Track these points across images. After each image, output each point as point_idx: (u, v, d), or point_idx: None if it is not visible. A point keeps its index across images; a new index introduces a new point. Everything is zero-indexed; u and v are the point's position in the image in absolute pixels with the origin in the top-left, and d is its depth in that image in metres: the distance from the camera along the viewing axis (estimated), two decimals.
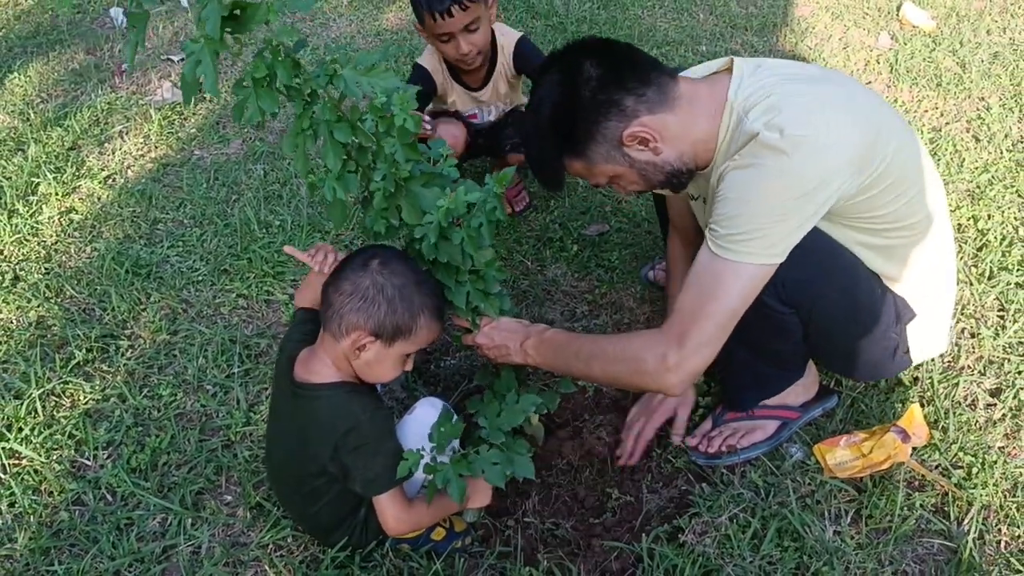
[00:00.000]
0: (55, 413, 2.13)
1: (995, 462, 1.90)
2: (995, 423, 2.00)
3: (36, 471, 1.98)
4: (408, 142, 1.57)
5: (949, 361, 2.18)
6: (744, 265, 1.55)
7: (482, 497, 1.78)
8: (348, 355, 1.62)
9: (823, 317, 1.74)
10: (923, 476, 1.88)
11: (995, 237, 2.57)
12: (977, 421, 2.01)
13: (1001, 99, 3.38)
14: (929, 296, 1.83)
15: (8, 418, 2.09)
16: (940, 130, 3.19)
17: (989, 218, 2.66)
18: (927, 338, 1.89)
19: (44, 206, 2.92)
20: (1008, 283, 2.38)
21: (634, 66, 1.64)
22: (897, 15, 4.12)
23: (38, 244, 2.74)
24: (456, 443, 1.80)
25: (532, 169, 1.81)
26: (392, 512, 1.64)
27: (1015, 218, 2.66)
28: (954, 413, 2.02)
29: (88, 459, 2.02)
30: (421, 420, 1.74)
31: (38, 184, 3.03)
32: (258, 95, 1.41)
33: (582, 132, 1.65)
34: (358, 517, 1.72)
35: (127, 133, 3.39)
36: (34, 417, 2.11)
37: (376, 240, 1.74)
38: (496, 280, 1.81)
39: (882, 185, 1.60)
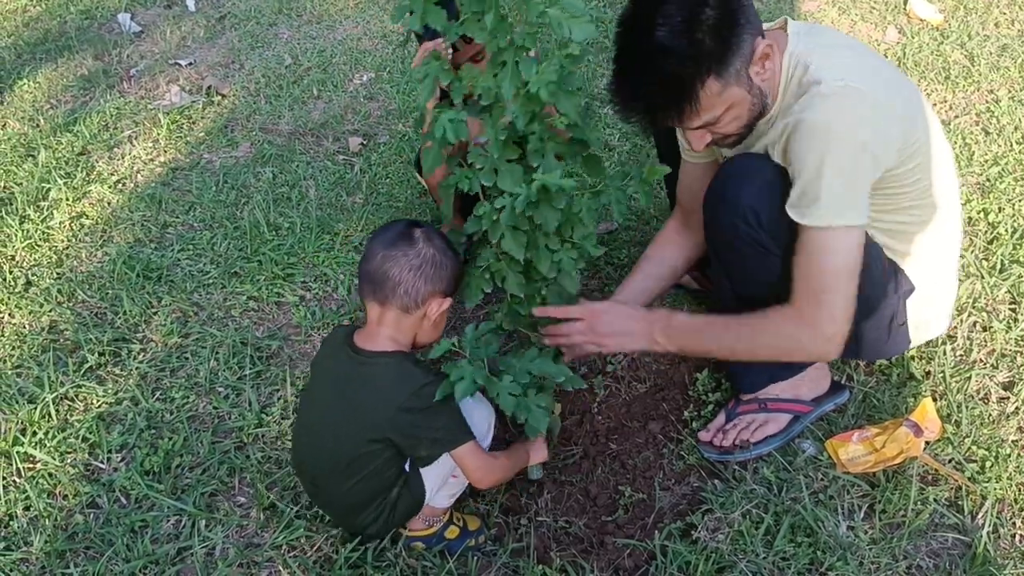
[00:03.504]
0: (68, 417, 2.14)
1: (1009, 456, 1.89)
2: (1008, 417, 2.00)
3: (50, 475, 1.99)
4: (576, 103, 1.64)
5: (961, 355, 2.17)
6: (839, 233, 1.60)
7: (541, 452, 1.90)
8: (419, 323, 1.70)
9: None
10: (936, 470, 1.87)
11: (1006, 230, 2.56)
12: (990, 415, 2.00)
13: (1010, 91, 3.36)
14: (928, 275, 1.86)
15: (22, 422, 2.10)
16: (949, 123, 3.18)
17: (1000, 211, 2.65)
18: (924, 318, 1.91)
19: (55, 211, 2.93)
20: (1020, 276, 2.37)
21: None
22: (904, 9, 4.11)
23: (49, 249, 2.76)
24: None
25: (656, 98, 1.62)
26: (474, 463, 1.71)
27: None
28: (967, 407, 2.01)
29: (102, 462, 2.03)
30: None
31: (49, 189, 3.05)
32: (426, 6, 1.51)
33: (731, 43, 1.56)
34: (390, 496, 1.72)
35: (136, 138, 3.40)
36: (48, 421, 2.12)
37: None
38: (589, 256, 1.84)
39: (911, 164, 1.66)
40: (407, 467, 1.72)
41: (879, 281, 1.79)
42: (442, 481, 1.77)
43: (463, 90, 1.64)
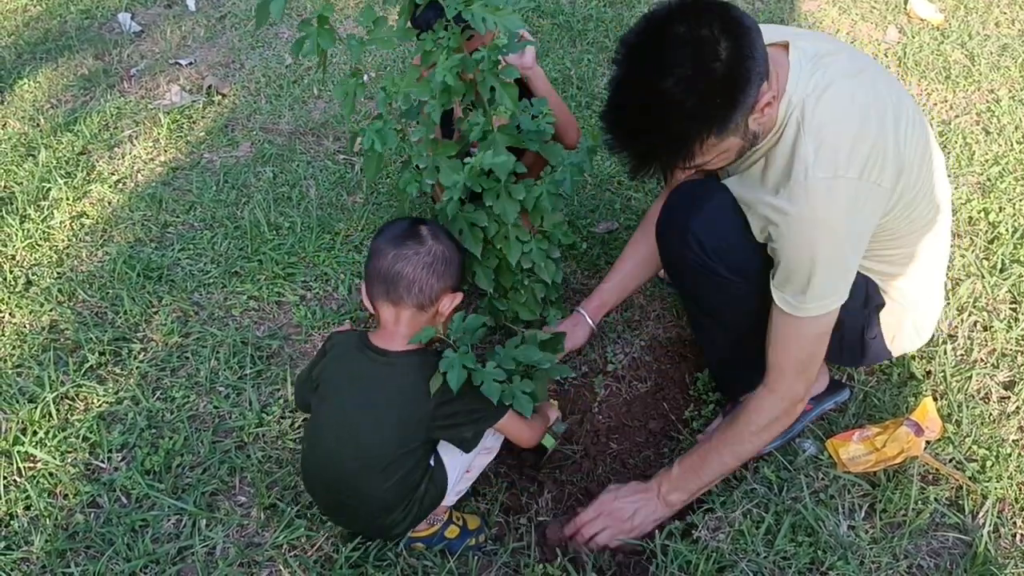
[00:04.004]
0: (69, 416, 2.14)
1: (1009, 455, 1.90)
2: (1009, 416, 2.00)
3: (51, 474, 1.99)
4: (512, 93, 1.67)
5: (962, 354, 2.17)
6: (822, 316, 1.64)
7: (553, 410, 1.98)
8: (433, 320, 1.71)
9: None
10: (937, 470, 1.88)
11: (1006, 230, 2.56)
12: (991, 414, 2.00)
13: (1011, 91, 3.37)
14: (913, 291, 1.84)
15: (23, 421, 2.10)
16: (949, 123, 3.18)
17: (1000, 211, 2.65)
18: (906, 330, 1.90)
19: (55, 211, 2.93)
20: (1020, 275, 2.37)
21: (743, 25, 1.45)
22: (905, 8, 4.11)
23: (50, 248, 2.76)
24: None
25: (650, 146, 1.52)
26: (517, 427, 1.78)
27: None
28: (967, 406, 2.02)
29: (102, 462, 2.03)
30: None
31: (49, 189, 3.05)
32: (319, 34, 1.55)
33: (738, 100, 1.45)
34: (418, 493, 1.72)
35: (136, 137, 3.40)
36: (48, 420, 2.12)
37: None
38: (560, 244, 1.84)
39: (899, 208, 1.64)
40: (432, 462, 1.73)
41: (850, 302, 1.73)
42: (462, 473, 1.79)
43: (388, 99, 1.67)
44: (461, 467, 1.78)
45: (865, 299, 1.80)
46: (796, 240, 1.58)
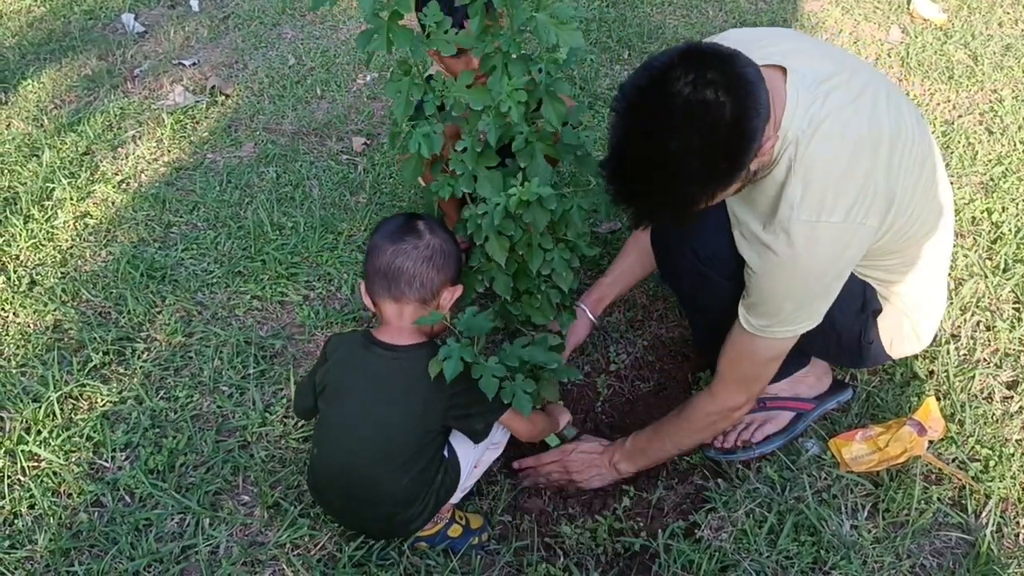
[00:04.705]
0: (73, 416, 2.15)
1: (1012, 455, 1.90)
2: (1012, 416, 2.00)
3: (55, 473, 2.00)
4: (561, 110, 1.65)
5: (965, 354, 2.17)
6: (782, 340, 1.67)
7: (565, 414, 2.05)
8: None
9: None
10: (940, 469, 1.88)
11: (1009, 230, 2.56)
12: (994, 414, 2.00)
13: (1014, 91, 3.36)
14: (911, 298, 1.82)
15: (27, 421, 2.11)
16: (952, 123, 3.18)
17: (1003, 211, 2.65)
18: (905, 335, 1.88)
19: (59, 211, 2.94)
20: (1023, 275, 2.37)
21: (745, 80, 1.39)
22: (908, 8, 4.10)
23: (54, 248, 2.76)
24: None
25: (653, 206, 1.50)
26: (521, 421, 1.81)
27: None
28: (970, 406, 2.01)
29: (106, 461, 2.03)
30: None
31: (53, 189, 3.05)
32: (390, 28, 1.52)
33: (742, 161, 1.43)
34: (435, 484, 1.73)
35: (140, 138, 3.41)
36: (52, 420, 2.13)
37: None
38: (584, 255, 1.85)
39: (885, 238, 1.62)
40: (446, 453, 1.74)
41: (846, 308, 1.74)
42: (471, 468, 1.80)
43: (436, 101, 1.65)
44: (471, 460, 1.79)
45: (862, 305, 1.80)
46: (772, 277, 1.58)
